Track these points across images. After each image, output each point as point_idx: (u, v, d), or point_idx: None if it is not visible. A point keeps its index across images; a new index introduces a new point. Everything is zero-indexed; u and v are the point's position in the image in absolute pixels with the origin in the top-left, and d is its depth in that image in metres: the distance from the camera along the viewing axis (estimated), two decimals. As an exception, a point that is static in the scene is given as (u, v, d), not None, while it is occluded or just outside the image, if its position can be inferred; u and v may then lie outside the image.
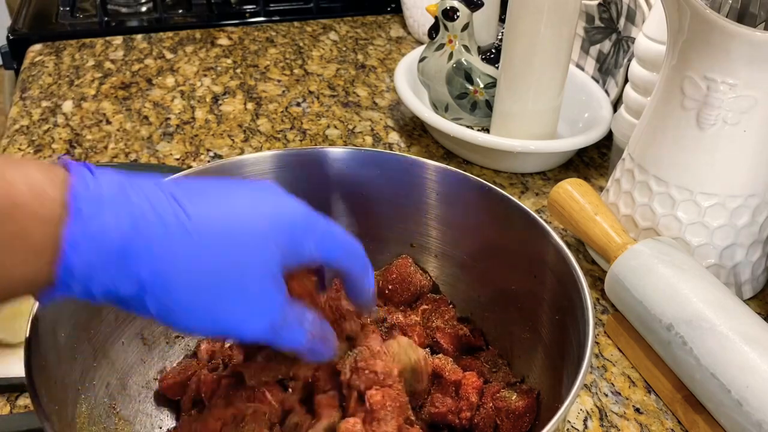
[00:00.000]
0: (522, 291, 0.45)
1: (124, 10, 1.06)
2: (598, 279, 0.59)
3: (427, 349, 0.43)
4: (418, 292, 0.48)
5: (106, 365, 0.41)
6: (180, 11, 1.06)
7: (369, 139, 0.78)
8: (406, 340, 0.41)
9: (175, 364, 0.45)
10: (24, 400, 0.48)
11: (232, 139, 0.77)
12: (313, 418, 0.38)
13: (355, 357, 0.38)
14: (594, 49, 0.81)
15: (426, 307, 0.47)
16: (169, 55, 0.94)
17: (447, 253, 0.48)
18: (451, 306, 0.48)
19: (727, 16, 0.54)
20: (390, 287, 0.47)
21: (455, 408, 0.41)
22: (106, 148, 0.75)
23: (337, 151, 0.48)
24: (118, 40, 0.98)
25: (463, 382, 0.42)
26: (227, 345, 0.45)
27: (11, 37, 0.99)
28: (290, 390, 0.39)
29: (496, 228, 0.46)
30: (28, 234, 0.27)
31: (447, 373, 0.42)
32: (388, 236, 0.49)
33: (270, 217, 0.32)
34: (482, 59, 0.75)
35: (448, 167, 0.48)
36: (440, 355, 0.43)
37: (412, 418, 0.38)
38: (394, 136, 0.79)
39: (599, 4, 0.79)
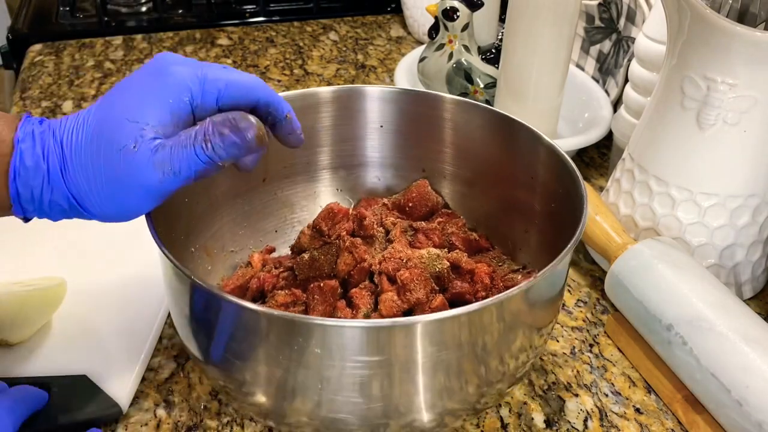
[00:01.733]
0: (521, 194, 0.52)
1: (124, 10, 1.06)
2: (598, 279, 0.59)
3: (445, 249, 0.50)
4: (434, 208, 0.55)
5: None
6: (180, 11, 1.06)
7: (369, 139, 0.78)
8: (435, 251, 0.48)
9: (231, 273, 0.53)
10: (24, 400, 0.48)
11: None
12: (353, 311, 0.45)
13: (384, 253, 0.48)
14: (594, 49, 0.82)
15: (441, 219, 0.54)
16: (169, 55, 0.94)
17: (455, 174, 0.56)
18: (461, 218, 0.56)
19: (727, 16, 0.54)
20: (410, 204, 0.55)
21: (472, 290, 0.48)
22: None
23: (366, 89, 0.55)
24: (118, 40, 0.98)
25: (476, 270, 0.49)
26: (275, 255, 0.55)
27: (11, 37, 0.99)
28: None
29: (497, 145, 0.53)
30: None
31: (463, 264, 0.49)
32: (404, 164, 0.57)
33: (154, 92, 0.36)
34: (482, 59, 0.75)
35: (457, 98, 0.54)
36: (456, 251, 0.50)
37: (437, 288, 0.46)
38: (394, 136, 0.79)
39: (599, 4, 0.79)
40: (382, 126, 0.56)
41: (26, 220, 0.38)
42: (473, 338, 0.37)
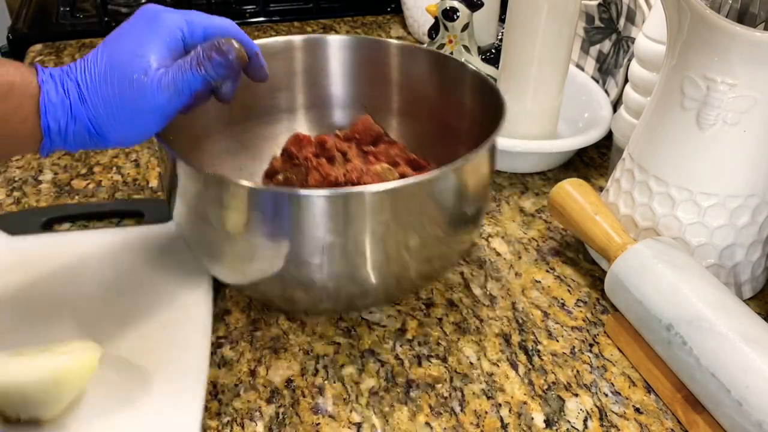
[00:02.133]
0: (453, 120, 0.60)
1: (124, 10, 1.06)
2: (598, 279, 0.59)
3: (390, 167, 0.58)
4: (377, 137, 0.63)
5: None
6: (180, 11, 1.06)
7: (369, 139, 0.78)
8: (387, 165, 0.57)
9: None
10: None
11: (232, 139, 0.77)
12: None
13: (346, 167, 0.56)
14: (594, 49, 0.82)
15: (384, 145, 0.62)
16: (169, 55, 0.94)
17: (396, 109, 0.65)
18: (402, 144, 0.63)
19: (727, 17, 0.54)
20: (357, 135, 0.62)
21: None
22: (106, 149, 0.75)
23: (323, 39, 0.64)
24: (118, 40, 0.98)
25: None
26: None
27: (11, 37, 0.99)
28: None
29: (432, 81, 0.61)
30: (23, 106, 0.41)
31: (409, 174, 0.57)
32: (352, 103, 0.66)
33: (147, 35, 0.43)
34: (482, 59, 0.75)
35: (399, 43, 0.63)
36: (401, 167, 0.58)
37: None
38: (394, 136, 0.79)
39: (599, 5, 0.79)
40: (320, 71, 0.65)
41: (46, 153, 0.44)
42: (409, 209, 0.45)
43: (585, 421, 0.47)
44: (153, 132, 0.44)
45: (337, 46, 0.63)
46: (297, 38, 0.63)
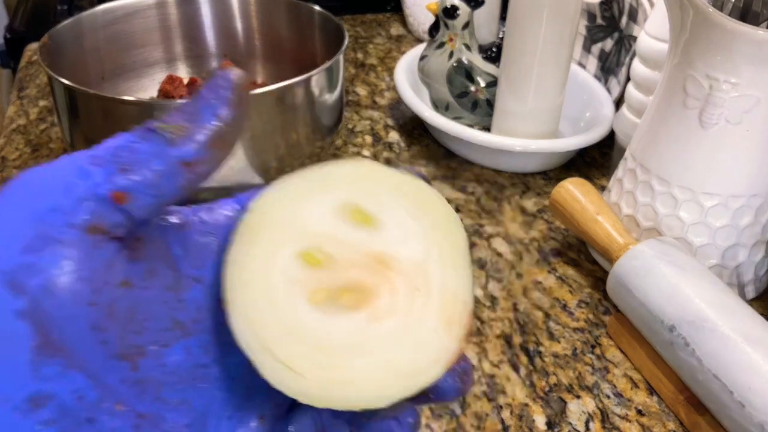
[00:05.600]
0: (303, 55, 0.71)
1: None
2: (599, 280, 0.59)
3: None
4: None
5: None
6: (179, 10, 1.06)
7: (369, 138, 0.78)
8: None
9: None
10: None
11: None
12: None
13: None
14: (596, 48, 0.81)
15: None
16: (168, 54, 0.94)
17: (251, 53, 0.75)
18: (261, 82, 0.73)
19: (729, 15, 0.53)
20: None
21: None
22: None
23: None
24: (116, 38, 0.98)
25: None
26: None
27: (8, 36, 0.99)
28: None
29: (285, 25, 0.72)
30: None
31: None
32: (213, 52, 0.75)
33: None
34: (483, 58, 0.75)
35: None
36: None
37: None
38: (394, 135, 0.79)
39: (601, 3, 0.78)
40: (188, 26, 0.73)
41: None
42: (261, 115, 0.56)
43: (587, 423, 0.47)
44: None
45: (206, 1, 0.73)
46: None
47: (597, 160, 0.75)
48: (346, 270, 0.22)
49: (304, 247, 0.22)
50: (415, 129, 0.80)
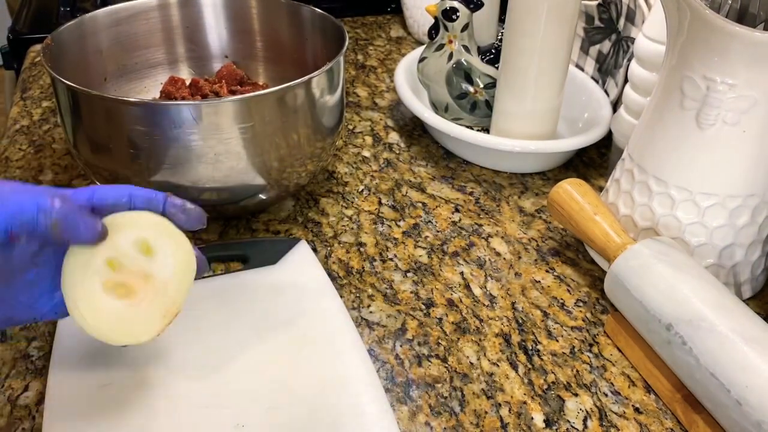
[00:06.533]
0: (303, 56, 0.72)
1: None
2: (597, 279, 0.59)
3: None
4: (241, 80, 0.72)
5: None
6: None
7: (369, 139, 0.78)
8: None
9: None
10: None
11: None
12: None
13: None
14: (594, 50, 0.82)
15: (248, 87, 0.71)
16: (169, 56, 0.94)
17: (252, 55, 0.76)
18: (262, 83, 0.74)
19: (726, 17, 0.54)
20: (223, 79, 0.71)
21: None
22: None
23: None
24: (118, 40, 0.98)
25: None
26: None
27: (12, 38, 0.99)
28: None
29: (284, 26, 0.73)
30: None
31: None
32: (215, 53, 0.77)
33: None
34: (482, 59, 0.75)
35: None
36: None
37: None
38: (393, 136, 0.79)
39: (599, 5, 0.79)
40: (190, 28, 0.74)
41: None
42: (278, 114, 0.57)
43: (585, 420, 0.48)
44: None
45: (208, 3, 0.74)
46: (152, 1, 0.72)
47: (595, 160, 0.76)
48: (127, 276, 0.41)
49: (112, 257, 0.41)
50: (414, 130, 0.80)
